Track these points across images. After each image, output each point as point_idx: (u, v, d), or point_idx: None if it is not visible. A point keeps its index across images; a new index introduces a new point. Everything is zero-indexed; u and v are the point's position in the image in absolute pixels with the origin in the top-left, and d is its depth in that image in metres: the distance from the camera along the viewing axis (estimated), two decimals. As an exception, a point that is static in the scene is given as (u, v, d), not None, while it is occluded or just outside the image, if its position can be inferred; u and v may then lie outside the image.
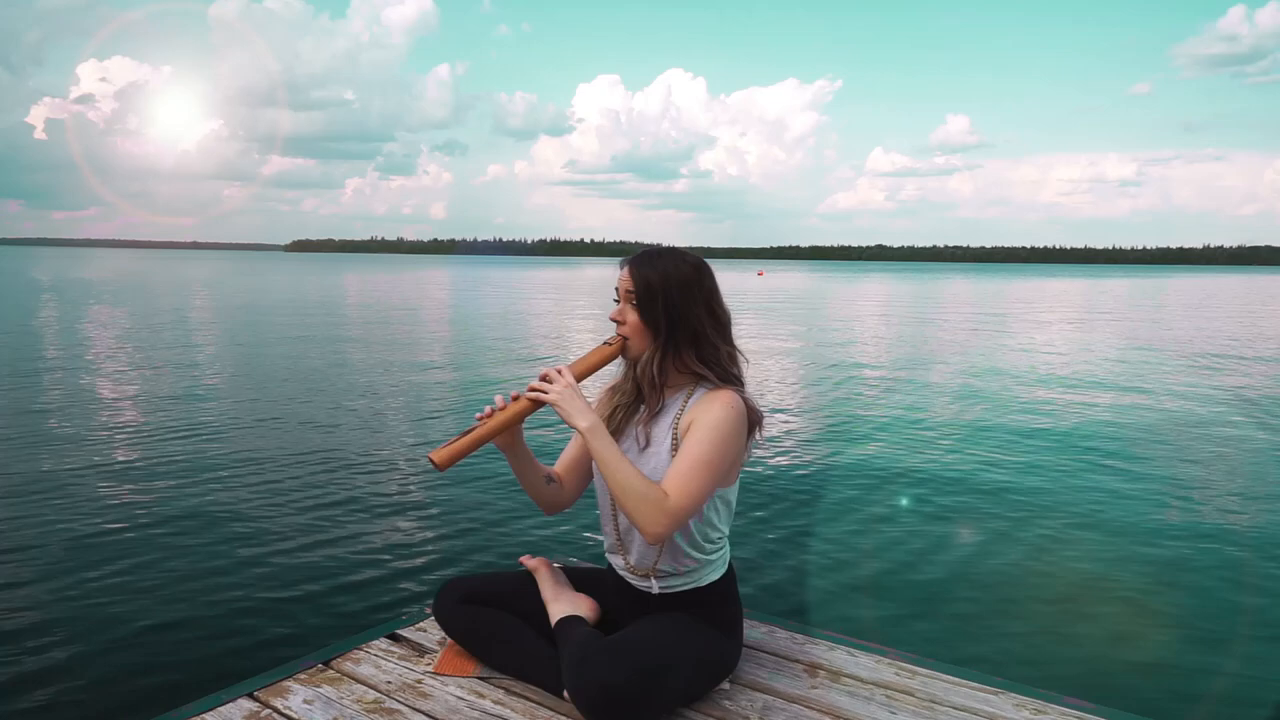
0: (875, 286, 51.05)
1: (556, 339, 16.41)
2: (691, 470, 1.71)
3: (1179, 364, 12.90)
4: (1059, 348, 15.43)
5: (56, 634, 3.27)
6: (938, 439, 7.13)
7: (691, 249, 1.94)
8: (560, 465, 2.00)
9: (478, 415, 1.80)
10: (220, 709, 1.79)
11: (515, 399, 1.80)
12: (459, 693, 1.87)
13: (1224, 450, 6.92)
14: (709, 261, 1.88)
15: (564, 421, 1.76)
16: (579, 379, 1.80)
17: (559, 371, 1.79)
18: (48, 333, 15.73)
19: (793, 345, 15.42)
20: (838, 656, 2.06)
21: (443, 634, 2.08)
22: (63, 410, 7.85)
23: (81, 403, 8.25)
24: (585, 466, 1.99)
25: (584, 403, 1.77)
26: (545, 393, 1.76)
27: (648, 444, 1.85)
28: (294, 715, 1.77)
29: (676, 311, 1.80)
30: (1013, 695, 1.88)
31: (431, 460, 1.72)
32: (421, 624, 2.20)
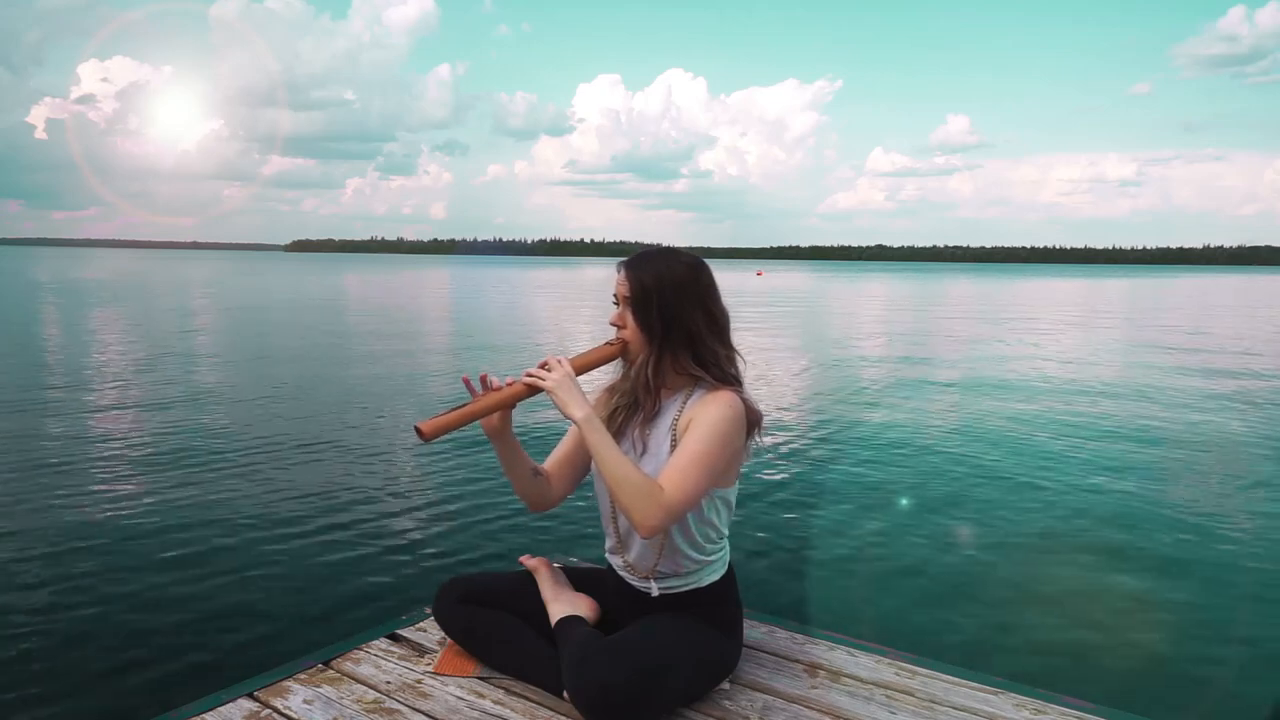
0: (875, 287, 51.04)
1: (557, 339, 16.41)
2: (688, 465, 1.70)
3: (1179, 364, 12.89)
4: (1059, 348, 15.43)
5: (56, 634, 3.27)
6: (938, 439, 7.13)
7: (691, 249, 1.93)
8: (550, 462, 1.98)
9: (475, 380, 1.78)
10: (220, 709, 1.78)
11: (511, 384, 1.79)
12: (459, 693, 1.87)
13: (1224, 450, 6.92)
14: (709, 261, 1.87)
15: (559, 410, 1.75)
16: (578, 372, 1.79)
17: (558, 361, 1.79)
18: (48, 332, 15.73)
19: (792, 346, 15.42)
20: (838, 656, 2.05)
21: (442, 634, 2.07)
22: (62, 410, 7.84)
23: (80, 403, 8.25)
24: (576, 464, 1.97)
25: (581, 394, 1.76)
26: (543, 379, 1.76)
27: (646, 448, 1.85)
28: (294, 715, 1.77)
29: (671, 313, 1.79)
30: (1013, 695, 1.87)
31: (418, 430, 1.68)
32: (421, 624, 2.20)
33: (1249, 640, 3.48)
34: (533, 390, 1.77)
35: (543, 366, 1.78)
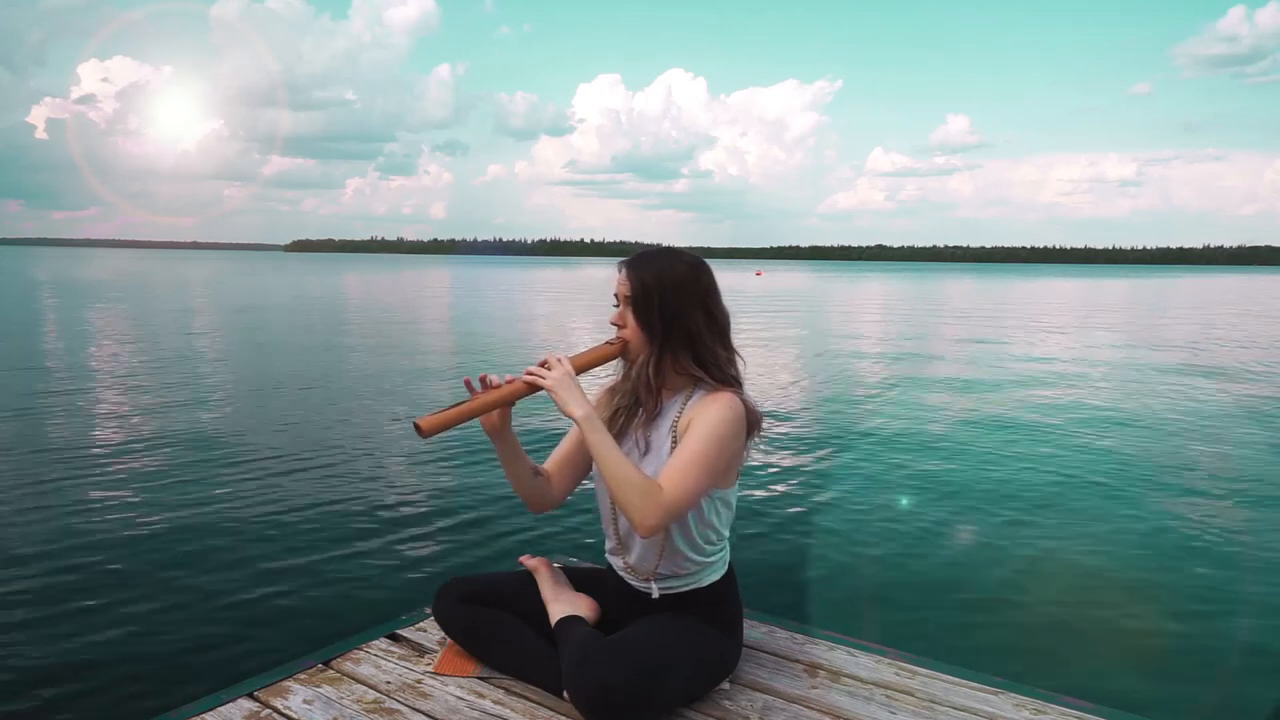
0: (875, 287, 51.03)
1: (557, 339, 16.41)
2: (688, 465, 1.70)
3: (1179, 365, 12.89)
4: (1059, 348, 15.43)
5: (57, 634, 3.27)
6: (937, 439, 7.13)
7: (691, 249, 1.93)
8: (551, 462, 1.98)
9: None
10: (220, 709, 1.79)
11: (511, 382, 1.79)
12: (459, 693, 1.87)
13: (1224, 450, 6.92)
14: (709, 261, 1.87)
15: (559, 409, 1.75)
16: (578, 371, 1.79)
17: (559, 359, 1.79)
18: (48, 333, 15.72)
19: (792, 346, 15.42)
20: (838, 656, 2.06)
21: (442, 634, 2.07)
22: (62, 410, 7.84)
23: (80, 403, 8.24)
24: (576, 464, 1.97)
25: (581, 393, 1.76)
26: (543, 378, 1.75)
27: (648, 449, 1.85)
28: (294, 715, 1.77)
29: (672, 313, 1.79)
30: (1012, 695, 1.88)
31: (417, 426, 1.68)
32: (421, 624, 2.20)
33: (1250, 640, 3.48)
34: (533, 388, 1.77)
35: (543, 365, 1.78)
